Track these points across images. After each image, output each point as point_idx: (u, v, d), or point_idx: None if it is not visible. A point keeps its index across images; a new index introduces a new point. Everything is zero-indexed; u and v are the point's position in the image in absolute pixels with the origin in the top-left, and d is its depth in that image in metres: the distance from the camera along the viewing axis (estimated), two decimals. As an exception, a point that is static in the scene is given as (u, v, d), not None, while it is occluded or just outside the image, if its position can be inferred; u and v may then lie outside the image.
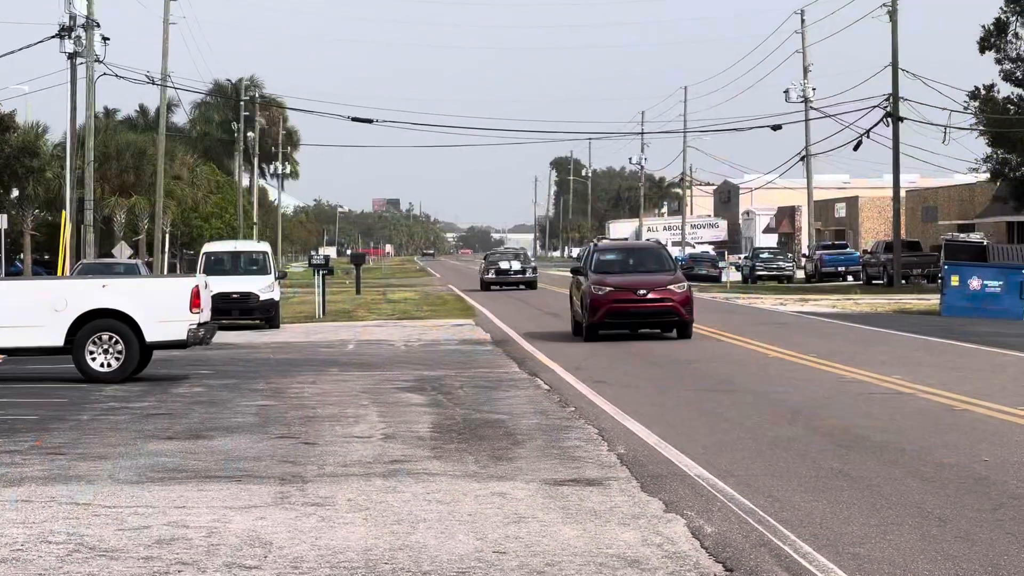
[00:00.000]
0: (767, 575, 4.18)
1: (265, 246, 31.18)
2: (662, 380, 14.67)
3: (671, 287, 18.92)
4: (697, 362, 16.59)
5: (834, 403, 11.49)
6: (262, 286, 25.90)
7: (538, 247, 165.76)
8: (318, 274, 31.81)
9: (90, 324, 14.07)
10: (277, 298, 26.71)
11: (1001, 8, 40.81)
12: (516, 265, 41.88)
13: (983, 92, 40.57)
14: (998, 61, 40.74)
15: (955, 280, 24.61)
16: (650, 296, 18.66)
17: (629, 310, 18.89)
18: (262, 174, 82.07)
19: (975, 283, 24.38)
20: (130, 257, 33.65)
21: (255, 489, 6.74)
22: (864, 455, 7.92)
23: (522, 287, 43.92)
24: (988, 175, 44.63)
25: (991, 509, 5.59)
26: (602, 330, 19.15)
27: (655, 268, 20.21)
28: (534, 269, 44.87)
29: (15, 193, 40.08)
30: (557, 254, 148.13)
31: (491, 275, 42.79)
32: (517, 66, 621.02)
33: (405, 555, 4.57)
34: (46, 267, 43.76)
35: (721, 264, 54.35)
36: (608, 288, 18.63)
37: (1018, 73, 40.52)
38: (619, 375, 15.05)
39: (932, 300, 29.50)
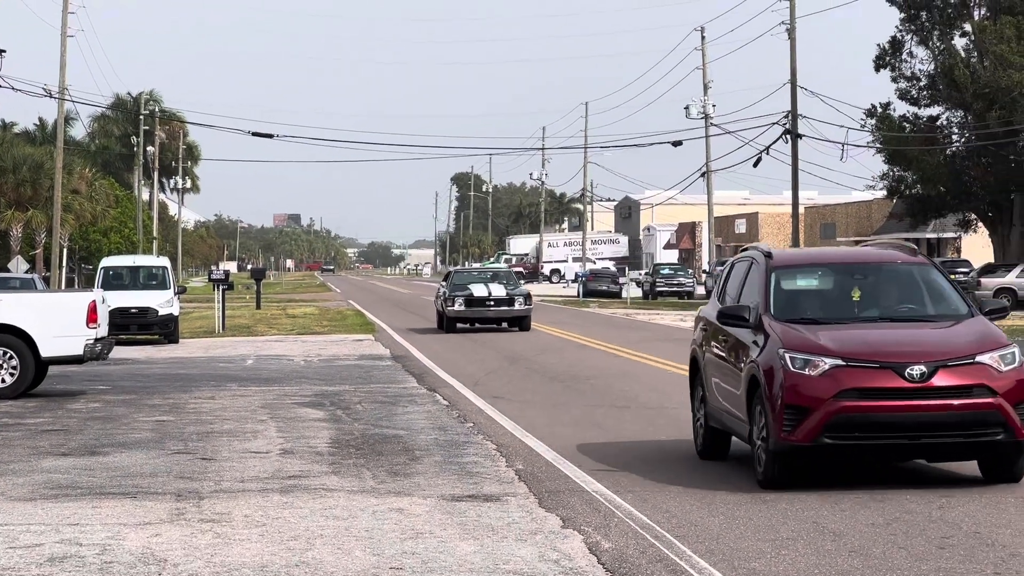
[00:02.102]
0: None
1: (164, 261, 32.17)
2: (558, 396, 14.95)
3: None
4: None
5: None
6: (161, 301, 26.25)
7: (438, 262, 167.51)
8: (218, 289, 32.34)
9: (-17, 339, 14.10)
10: (176, 313, 27.53)
11: (896, 27, 42.07)
12: (498, 291, 25.99)
13: (879, 110, 41.98)
14: (894, 79, 42.20)
15: None
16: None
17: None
18: (162, 188, 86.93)
19: None
20: (26, 272, 32.96)
21: (150, 505, 6.65)
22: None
23: (506, 325, 27.60)
24: (885, 192, 45.81)
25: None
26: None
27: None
28: (527, 298, 27.13)
29: None
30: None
31: (458, 307, 26.08)
32: (420, 82, 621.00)
33: (301, 571, 4.64)
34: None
35: (622, 280, 55.44)
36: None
37: (913, 91, 41.92)
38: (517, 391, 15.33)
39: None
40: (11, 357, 13.82)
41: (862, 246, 14.23)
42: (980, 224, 44.37)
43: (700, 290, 57.94)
